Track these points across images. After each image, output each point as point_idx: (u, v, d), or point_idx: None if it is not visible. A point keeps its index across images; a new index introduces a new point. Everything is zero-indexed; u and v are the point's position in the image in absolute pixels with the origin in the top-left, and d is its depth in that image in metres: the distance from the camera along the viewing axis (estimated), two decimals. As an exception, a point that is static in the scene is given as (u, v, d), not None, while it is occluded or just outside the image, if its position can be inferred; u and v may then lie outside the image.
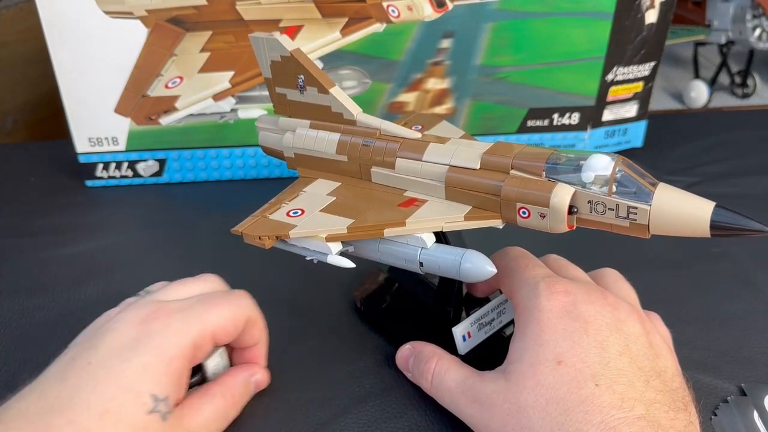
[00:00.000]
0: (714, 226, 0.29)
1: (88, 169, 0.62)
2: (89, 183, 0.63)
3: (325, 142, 0.40)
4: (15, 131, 0.77)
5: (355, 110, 0.39)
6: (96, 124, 0.59)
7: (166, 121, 0.60)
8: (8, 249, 0.54)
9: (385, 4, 0.56)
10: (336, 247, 0.35)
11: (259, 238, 0.36)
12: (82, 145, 0.60)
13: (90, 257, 0.53)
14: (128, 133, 0.60)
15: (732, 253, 0.52)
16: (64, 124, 0.59)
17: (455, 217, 0.34)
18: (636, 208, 0.30)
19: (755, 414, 0.38)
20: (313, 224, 0.36)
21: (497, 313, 0.41)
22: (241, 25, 0.55)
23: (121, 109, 0.59)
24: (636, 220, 0.30)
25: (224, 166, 0.63)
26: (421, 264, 0.34)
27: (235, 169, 0.63)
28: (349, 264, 0.35)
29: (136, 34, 0.55)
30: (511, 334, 0.42)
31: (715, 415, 0.38)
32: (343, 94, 0.40)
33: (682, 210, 0.30)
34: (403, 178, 0.38)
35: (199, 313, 0.34)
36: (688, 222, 0.29)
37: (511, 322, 0.42)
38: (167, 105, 0.59)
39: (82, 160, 0.61)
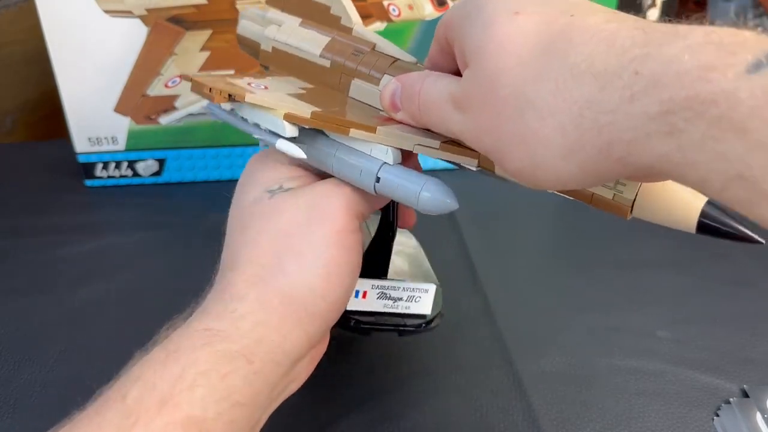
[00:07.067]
0: (702, 223, 0.26)
1: (88, 169, 0.62)
2: (89, 182, 0.62)
3: (312, 40, 0.36)
4: (14, 131, 0.77)
5: (355, 18, 0.36)
6: (95, 123, 0.59)
7: (165, 120, 0.60)
8: (8, 249, 0.54)
9: (385, 3, 0.56)
10: (292, 130, 0.31)
11: (210, 90, 0.31)
12: (81, 144, 0.60)
13: (89, 257, 0.53)
14: (128, 133, 0.60)
15: (733, 254, 0.52)
16: (64, 123, 0.59)
17: (431, 142, 0.30)
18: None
19: (758, 416, 0.38)
20: (274, 99, 0.32)
21: (409, 296, 0.38)
22: (241, 24, 0.55)
23: (120, 109, 0.59)
24: (622, 192, 0.27)
25: (224, 165, 0.63)
26: (378, 179, 0.31)
27: (235, 168, 0.63)
28: (299, 153, 0.31)
29: (135, 34, 0.55)
30: (419, 326, 0.38)
31: (717, 415, 0.38)
32: (348, 0, 0.36)
33: (673, 195, 0.27)
34: None
35: None
36: (676, 210, 0.27)
37: (422, 318, 0.39)
38: (167, 104, 0.59)
39: (81, 159, 0.61)
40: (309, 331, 0.30)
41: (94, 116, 0.59)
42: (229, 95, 0.31)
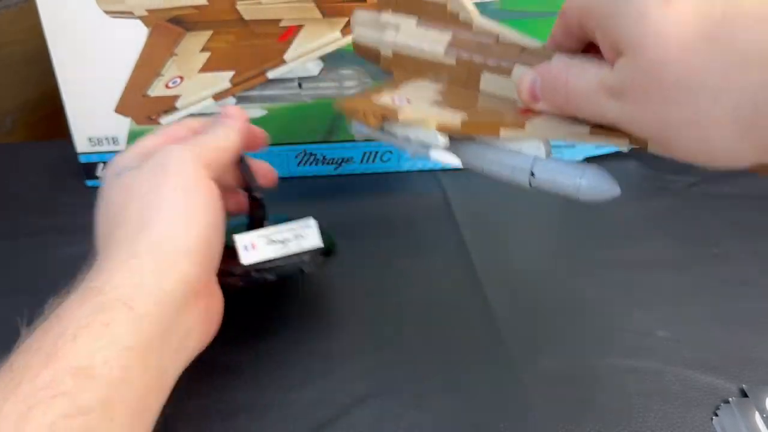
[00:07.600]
0: None
1: (89, 169, 0.62)
2: (89, 183, 0.62)
3: (433, 40, 0.36)
4: (14, 131, 0.77)
5: (474, 12, 0.35)
6: (96, 123, 0.59)
7: (166, 120, 0.60)
8: (8, 249, 0.54)
9: None
10: (444, 139, 0.32)
11: (364, 114, 0.33)
12: (82, 144, 0.60)
13: (90, 257, 0.53)
14: (128, 133, 0.60)
15: (733, 254, 0.52)
16: (64, 123, 0.59)
17: (580, 129, 0.30)
18: None
19: (757, 415, 0.38)
20: (421, 111, 0.33)
21: (294, 234, 0.39)
22: (241, 24, 0.55)
23: (121, 109, 0.59)
24: None
25: (224, 165, 0.63)
26: (533, 174, 0.31)
27: (236, 169, 0.63)
28: (455, 161, 0.32)
29: (136, 34, 0.55)
30: (318, 261, 0.40)
31: (716, 415, 0.38)
32: None
33: None
34: None
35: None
36: None
37: (318, 251, 0.40)
38: (167, 105, 0.59)
39: (82, 160, 0.61)
40: (183, 269, 0.32)
41: (94, 116, 0.59)
42: (382, 116, 0.33)
